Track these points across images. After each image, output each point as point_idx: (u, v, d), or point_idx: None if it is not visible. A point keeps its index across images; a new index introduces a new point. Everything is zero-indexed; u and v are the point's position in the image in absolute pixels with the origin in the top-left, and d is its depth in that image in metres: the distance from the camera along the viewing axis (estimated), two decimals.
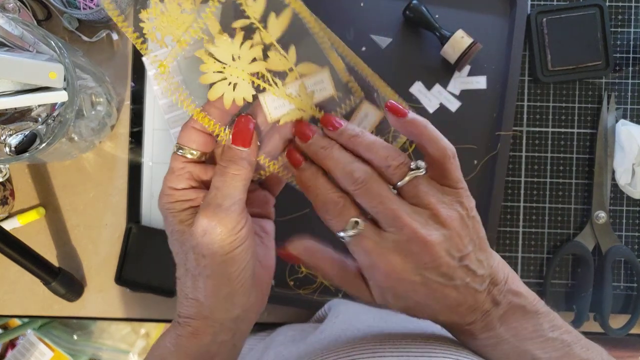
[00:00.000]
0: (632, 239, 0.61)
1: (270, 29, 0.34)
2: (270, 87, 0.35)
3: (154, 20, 0.34)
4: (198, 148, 0.34)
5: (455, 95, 0.59)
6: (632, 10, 0.61)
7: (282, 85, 0.35)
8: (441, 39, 0.56)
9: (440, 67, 0.59)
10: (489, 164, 0.58)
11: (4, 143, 0.51)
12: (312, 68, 0.36)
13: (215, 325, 0.34)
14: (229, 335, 0.35)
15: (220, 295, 0.33)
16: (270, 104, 0.35)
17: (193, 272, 0.34)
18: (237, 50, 0.34)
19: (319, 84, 0.36)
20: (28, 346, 1.22)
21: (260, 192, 0.39)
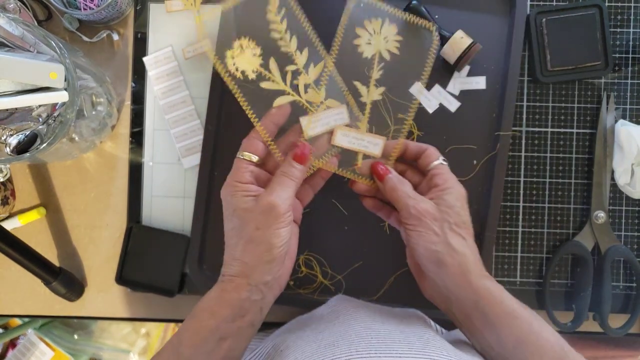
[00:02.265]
0: (631, 238, 0.61)
1: (310, 74, 0.52)
2: (310, 113, 0.52)
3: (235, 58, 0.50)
4: (256, 153, 0.48)
5: (455, 95, 0.59)
6: (632, 11, 0.61)
7: (316, 112, 0.52)
8: (441, 39, 0.56)
9: (440, 68, 0.59)
10: (489, 164, 0.58)
11: (5, 143, 0.51)
12: (335, 103, 0.53)
13: (251, 284, 0.44)
14: (259, 296, 0.45)
15: (262, 260, 0.44)
16: (307, 125, 0.51)
17: (246, 239, 0.45)
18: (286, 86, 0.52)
19: (340, 114, 0.52)
20: (29, 346, 1.22)
21: (294, 201, 0.51)
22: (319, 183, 0.53)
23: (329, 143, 0.52)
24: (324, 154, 0.51)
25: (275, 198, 0.45)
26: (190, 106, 0.61)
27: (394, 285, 0.59)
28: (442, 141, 0.59)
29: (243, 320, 0.44)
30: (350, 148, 0.52)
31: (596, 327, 0.60)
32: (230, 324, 0.43)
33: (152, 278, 0.60)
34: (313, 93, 0.52)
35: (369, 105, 0.53)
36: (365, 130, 0.53)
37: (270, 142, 0.50)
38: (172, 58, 0.61)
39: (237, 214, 0.46)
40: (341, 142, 0.52)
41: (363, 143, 0.52)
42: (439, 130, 0.59)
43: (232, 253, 0.46)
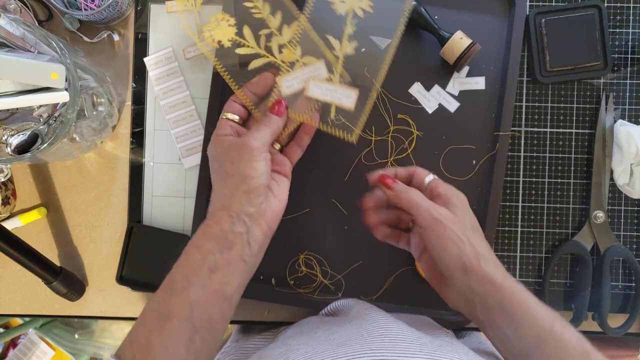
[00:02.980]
0: (630, 238, 0.61)
1: (284, 34, 0.54)
2: (284, 72, 0.53)
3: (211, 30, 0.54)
4: (237, 114, 0.52)
5: (454, 95, 0.59)
6: (630, 11, 0.61)
7: (292, 70, 0.54)
8: (440, 40, 0.57)
9: (439, 68, 0.59)
10: (488, 164, 0.59)
11: (6, 143, 0.51)
12: (311, 59, 0.54)
13: (232, 215, 0.46)
14: (243, 228, 0.46)
15: (239, 189, 0.47)
16: (283, 84, 0.53)
17: (224, 174, 0.48)
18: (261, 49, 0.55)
19: (317, 70, 0.53)
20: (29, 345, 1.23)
21: (279, 155, 0.54)
22: (304, 139, 0.55)
23: (309, 99, 0.53)
24: (305, 110, 0.53)
25: (248, 137, 0.48)
26: (190, 106, 0.62)
27: (394, 285, 0.59)
28: (442, 141, 0.59)
29: (230, 253, 0.45)
30: (323, 99, 0.53)
31: (595, 326, 0.61)
32: (217, 256, 0.45)
33: (152, 277, 0.61)
34: (288, 52, 0.54)
35: (342, 58, 0.54)
36: (338, 81, 0.53)
37: (251, 105, 0.53)
38: (173, 58, 0.61)
39: (216, 157, 0.49)
40: (314, 93, 0.53)
41: (336, 95, 0.53)
42: (439, 130, 0.59)
43: (213, 190, 0.49)
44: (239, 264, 0.45)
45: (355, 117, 0.54)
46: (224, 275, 0.44)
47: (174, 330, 0.42)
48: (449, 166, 0.59)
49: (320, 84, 0.53)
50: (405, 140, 0.59)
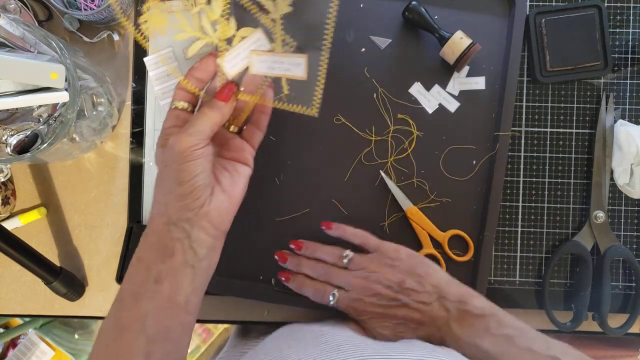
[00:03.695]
0: (630, 238, 0.61)
1: (214, 8, 0.47)
2: (223, 52, 0.47)
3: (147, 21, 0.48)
4: (185, 100, 0.49)
5: (454, 95, 0.59)
6: (630, 11, 0.61)
7: (232, 47, 0.47)
8: (440, 40, 0.57)
9: (440, 68, 0.59)
10: (488, 164, 0.59)
11: (6, 143, 0.51)
12: (248, 30, 0.47)
13: (170, 221, 0.44)
14: (182, 234, 0.44)
15: (173, 194, 0.44)
16: (226, 65, 0.47)
17: (159, 178, 0.46)
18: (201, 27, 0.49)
19: (258, 40, 0.47)
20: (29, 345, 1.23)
21: (237, 139, 0.50)
22: (261, 119, 0.52)
23: (257, 75, 0.48)
24: (255, 88, 0.49)
25: (180, 134, 0.44)
26: None
27: None
28: (442, 141, 0.59)
29: (174, 260, 0.43)
30: (272, 74, 0.47)
31: (595, 326, 0.60)
32: (160, 266, 0.43)
33: None
34: (223, 28, 0.48)
35: (279, 20, 0.47)
36: (282, 50, 0.47)
37: (198, 92, 0.49)
38: (173, 59, 0.61)
39: (156, 158, 0.48)
40: (260, 69, 0.47)
41: (283, 66, 0.47)
42: (439, 130, 0.59)
43: (154, 196, 0.47)
44: (186, 270, 0.44)
45: (312, 87, 0.48)
46: (172, 283, 0.43)
47: (128, 344, 0.41)
48: (449, 166, 0.59)
49: (264, 56, 0.47)
50: (405, 140, 0.59)
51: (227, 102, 0.47)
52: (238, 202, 0.49)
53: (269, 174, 0.59)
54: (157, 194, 0.46)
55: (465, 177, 0.59)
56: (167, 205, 0.44)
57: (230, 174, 0.48)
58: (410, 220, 0.58)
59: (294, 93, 0.49)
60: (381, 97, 0.59)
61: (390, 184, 0.58)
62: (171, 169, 0.44)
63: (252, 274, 0.59)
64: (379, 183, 0.59)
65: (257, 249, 0.59)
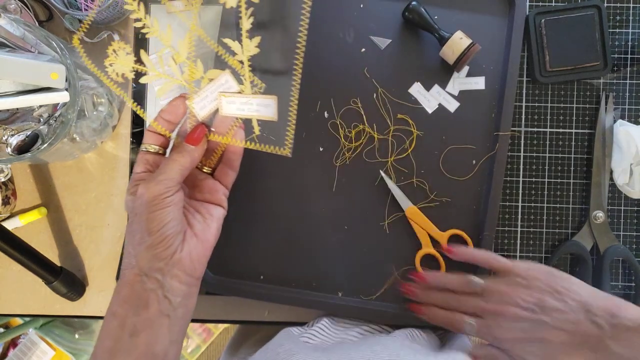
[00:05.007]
0: (630, 238, 0.61)
1: (180, 50, 0.47)
2: (192, 94, 0.47)
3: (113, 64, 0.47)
4: (156, 143, 0.47)
5: (454, 95, 0.59)
6: (630, 11, 0.61)
7: (200, 89, 0.47)
8: (440, 40, 0.57)
9: (439, 68, 0.59)
10: (487, 164, 0.59)
11: (6, 143, 0.51)
12: (216, 72, 0.47)
13: (141, 273, 0.42)
14: (155, 284, 0.42)
15: (143, 245, 0.42)
16: (195, 107, 0.47)
17: (129, 227, 0.44)
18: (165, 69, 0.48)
19: (225, 83, 0.47)
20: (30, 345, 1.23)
21: (210, 180, 0.49)
22: (233, 159, 0.50)
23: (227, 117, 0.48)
24: (226, 130, 0.48)
25: (148, 182, 0.43)
26: None
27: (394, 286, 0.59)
28: (442, 141, 0.59)
29: (148, 312, 0.42)
30: (241, 115, 0.47)
31: None
32: (134, 319, 0.42)
33: None
34: (190, 70, 0.47)
35: (247, 62, 0.46)
36: (251, 92, 0.47)
37: (168, 134, 0.48)
38: None
39: (126, 207, 0.46)
40: (229, 110, 0.47)
41: (253, 107, 0.46)
42: (438, 130, 0.59)
43: (125, 247, 0.45)
44: (162, 321, 0.42)
45: (283, 127, 0.47)
46: (148, 335, 0.41)
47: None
48: (449, 166, 0.59)
49: (233, 98, 0.46)
50: (406, 140, 0.59)
51: (198, 146, 0.46)
52: (211, 246, 0.47)
53: (269, 173, 0.59)
54: (128, 246, 0.44)
55: (465, 177, 0.59)
56: (138, 256, 0.43)
57: (203, 216, 0.47)
58: (410, 220, 0.58)
59: (265, 133, 0.49)
60: (381, 97, 0.59)
61: (390, 184, 0.58)
62: (140, 218, 0.43)
63: (252, 274, 0.59)
64: (378, 183, 0.59)
65: (258, 248, 0.59)
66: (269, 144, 0.48)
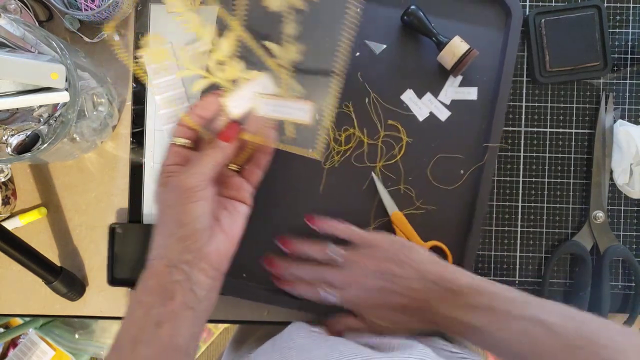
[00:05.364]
0: (630, 238, 0.61)
1: (221, 49, 0.48)
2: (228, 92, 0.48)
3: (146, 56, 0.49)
4: (185, 137, 0.48)
5: (446, 104, 0.59)
6: (630, 11, 0.61)
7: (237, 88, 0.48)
8: (438, 44, 0.56)
9: (434, 75, 0.59)
10: (475, 175, 0.58)
11: (6, 143, 0.51)
12: (254, 74, 0.48)
13: (170, 264, 0.43)
14: (182, 276, 0.43)
15: (174, 236, 0.43)
16: (230, 105, 0.48)
17: (160, 220, 0.45)
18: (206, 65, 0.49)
19: (263, 85, 0.48)
20: (30, 345, 1.23)
21: (237, 178, 0.50)
22: (262, 159, 0.51)
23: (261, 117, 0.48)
24: (259, 129, 0.49)
25: (183, 175, 0.44)
26: (185, 104, 0.62)
27: None
28: (431, 149, 0.59)
29: (174, 303, 0.42)
30: (276, 117, 0.48)
31: None
32: (160, 309, 0.42)
33: None
34: (230, 69, 0.48)
35: (287, 66, 0.48)
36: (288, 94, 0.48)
37: (199, 129, 0.48)
38: (172, 55, 0.61)
39: (156, 197, 0.46)
40: (265, 111, 0.48)
41: (288, 110, 0.47)
42: (428, 138, 0.59)
43: (152, 237, 0.46)
44: (186, 313, 0.43)
45: (316, 131, 0.49)
46: (172, 327, 0.42)
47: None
48: (437, 174, 0.59)
49: (269, 100, 0.47)
50: (395, 146, 0.59)
51: (230, 143, 0.47)
52: (237, 242, 0.48)
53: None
54: (157, 236, 0.45)
55: (451, 186, 0.59)
56: (167, 247, 0.44)
57: (230, 213, 0.48)
58: (395, 226, 0.58)
59: (297, 136, 0.49)
60: (373, 102, 0.59)
61: (379, 186, 0.58)
62: (172, 211, 0.44)
63: (251, 274, 0.59)
64: (366, 187, 0.58)
65: (258, 248, 0.59)
66: (300, 146, 0.49)
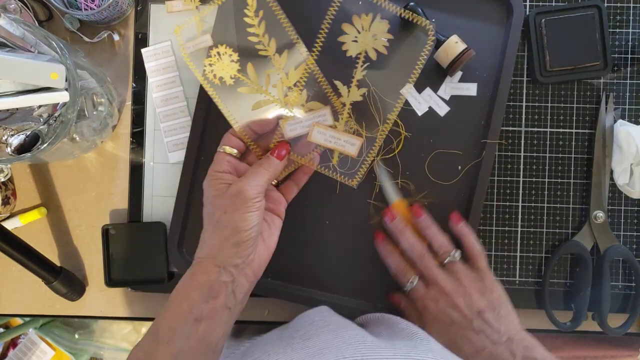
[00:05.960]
0: (630, 238, 0.61)
1: (290, 77, 0.54)
2: (288, 116, 0.54)
3: (213, 65, 0.53)
4: (236, 147, 0.52)
5: (445, 100, 0.59)
6: (630, 11, 0.61)
7: (297, 114, 0.54)
8: (435, 42, 0.56)
9: (433, 72, 0.59)
10: (473, 171, 0.58)
11: (6, 143, 0.51)
12: (318, 105, 0.54)
13: (219, 265, 0.46)
14: (229, 278, 0.46)
15: (229, 241, 0.47)
16: (287, 128, 0.53)
17: (216, 224, 0.48)
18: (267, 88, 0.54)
19: (322, 116, 0.53)
20: (29, 345, 1.23)
21: (275, 192, 0.54)
22: (302, 179, 0.56)
23: (311, 143, 0.54)
24: (306, 153, 0.54)
25: (244, 184, 0.48)
26: (182, 102, 0.61)
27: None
28: (429, 144, 0.59)
29: (216, 302, 0.45)
30: (327, 146, 0.54)
31: (595, 326, 0.61)
32: (203, 305, 0.45)
33: (139, 272, 0.61)
34: (294, 95, 0.53)
35: (349, 105, 0.54)
36: (343, 129, 0.54)
37: (250, 142, 0.53)
38: (170, 52, 0.61)
39: (210, 199, 0.49)
40: (317, 139, 0.53)
41: (340, 142, 0.53)
42: (427, 133, 0.59)
43: (203, 236, 0.49)
44: (224, 313, 0.46)
45: (357, 163, 0.55)
46: (209, 324, 0.45)
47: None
48: (434, 170, 0.59)
49: (324, 130, 0.53)
50: (393, 140, 0.59)
51: (282, 161, 0.51)
52: (272, 252, 0.51)
53: None
54: (211, 237, 0.48)
55: (449, 181, 0.59)
56: (220, 249, 0.47)
57: (268, 225, 0.52)
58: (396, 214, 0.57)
59: (340, 165, 0.55)
60: (372, 96, 0.59)
61: (382, 176, 0.58)
62: (230, 217, 0.47)
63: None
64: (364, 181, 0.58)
65: None
66: (339, 174, 0.55)
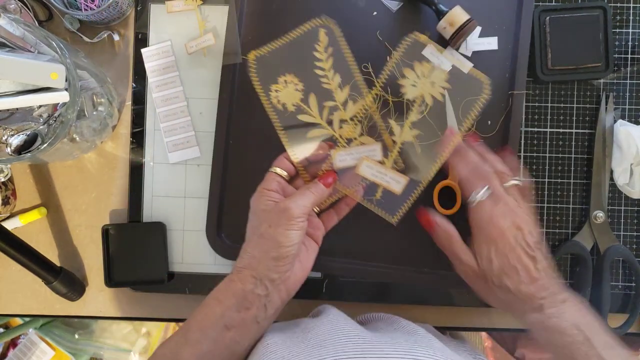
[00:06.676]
0: (630, 238, 0.61)
1: (347, 111, 0.56)
2: (340, 147, 0.56)
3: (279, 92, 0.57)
4: (286, 170, 0.54)
5: (467, 57, 0.59)
6: (631, 12, 0.61)
7: (348, 147, 0.56)
8: (438, 14, 0.56)
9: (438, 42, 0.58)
10: (502, 124, 0.58)
11: (6, 143, 0.51)
12: (370, 140, 0.56)
13: (257, 277, 0.47)
14: (264, 291, 0.47)
15: (269, 254, 0.48)
16: (337, 158, 0.56)
17: (259, 236, 0.49)
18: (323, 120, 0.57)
19: (372, 151, 0.56)
20: (29, 345, 1.23)
21: (316, 219, 0.56)
22: (343, 209, 0.57)
23: (358, 175, 0.56)
24: (352, 184, 0.56)
25: (291, 203, 0.49)
26: (182, 102, 0.61)
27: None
28: (456, 102, 0.57)
29: (247, 313, 0.46)
30: (373, 180, 0.56)
31: None
32: (234, 314, 0.46)
33: (139, 272, 0.61)
34: (348, 128, 0.56)
35: (399, 144, 0.56)
36: (391, 167, 0.56)
37: (301, 167, 0.55)
38: (170, 52, 0.61)
39: (257, 214, 0.51)
40: (364, 172, 0.56)
41: (386, 178, 0.56)
42: (453, 91, 0.58)
43: (245, 247, 0.50)
44: (253, 325, 0.47)
45: (399, 201, 0.56)
46: (237, 333, 0.46)
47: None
48: None
49: (372, 165, 0.55)
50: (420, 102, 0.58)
51: (328, 188, 0.53)
52: (307, 275, 0.52)
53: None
54: (252, 249, 0.49)
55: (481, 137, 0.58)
56: (260, 261, 0.48)
57: (306, 247, 0.53)
58: None
59: (383, 200, 0.56)
60: (395, 60, 0.58)
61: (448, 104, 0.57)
62: (274, 231, 0.48)
63: None
64: None
65: None
66: (382, 209, 0.56)
